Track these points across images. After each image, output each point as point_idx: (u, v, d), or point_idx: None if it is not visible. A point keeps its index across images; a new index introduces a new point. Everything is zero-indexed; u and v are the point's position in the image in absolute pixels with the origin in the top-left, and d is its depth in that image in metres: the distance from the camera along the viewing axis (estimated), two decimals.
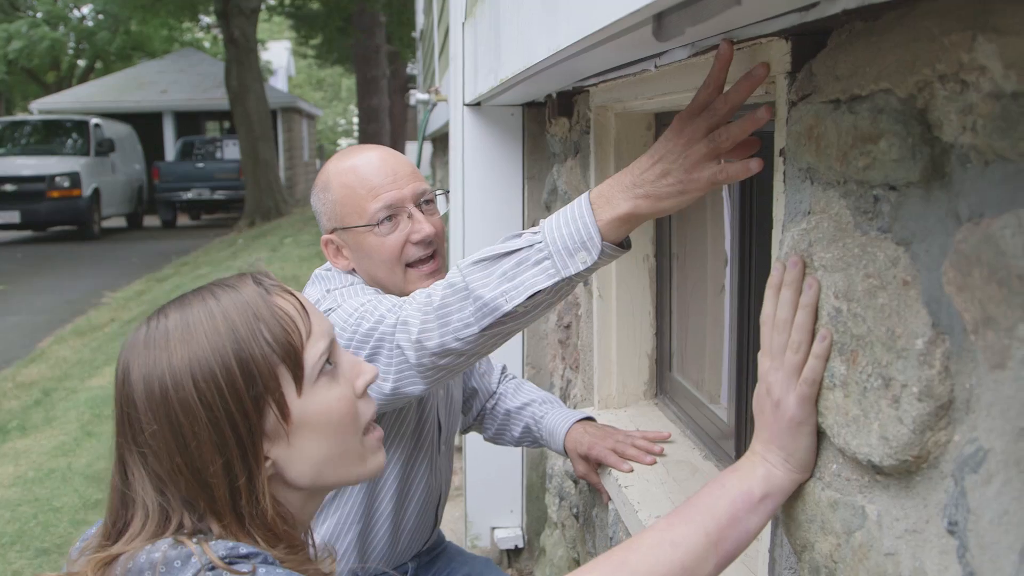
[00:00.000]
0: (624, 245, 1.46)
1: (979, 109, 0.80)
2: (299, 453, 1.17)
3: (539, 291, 1.46)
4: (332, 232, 1.99)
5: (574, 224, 1.43)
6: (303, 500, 1.23)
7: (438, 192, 2.03)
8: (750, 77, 1.28)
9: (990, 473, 0.80)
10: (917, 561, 0.93)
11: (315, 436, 1.18)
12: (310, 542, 1.31)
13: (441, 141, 9.00)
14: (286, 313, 1.18)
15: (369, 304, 1.76)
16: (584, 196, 1.45)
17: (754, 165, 1.32)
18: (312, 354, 1.18)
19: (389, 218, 1.91)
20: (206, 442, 1.11)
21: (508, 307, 1.49)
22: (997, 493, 0.78)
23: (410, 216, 1.92)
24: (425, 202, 1.96)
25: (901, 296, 0.94)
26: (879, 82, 0.98)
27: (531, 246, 1.47)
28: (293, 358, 1.16)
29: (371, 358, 1.70)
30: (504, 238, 1.54)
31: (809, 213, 1.16)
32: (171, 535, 1.11)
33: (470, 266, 1.54)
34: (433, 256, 1.96)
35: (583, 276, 1.47)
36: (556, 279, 1.45)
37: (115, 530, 1.15)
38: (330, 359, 1.21)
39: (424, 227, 1.92)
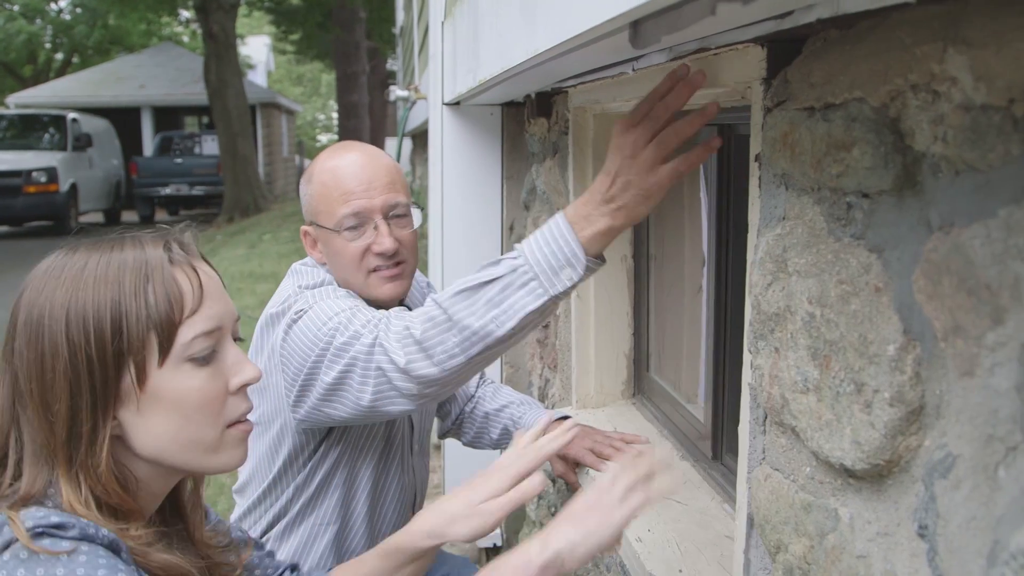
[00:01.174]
0: (600, 259, 1.53)
1: (950, 120, 0.81)
2: (145, 424, 1.17)
3: (529, 312, 1.50)
4: (310, 224, 2.01)
5: (555, 243, 1.49)
6: (151, 473, 1.22)
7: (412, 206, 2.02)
8: (688, 82, 1.35)
9: (959, 478, 0.81)
10: (888, 564, 0.94)
11: (165, 414, 1.18)
12: (190, 521, 1.33)
13: (421, 138, 8.98)
14: (178, 285, 1.18)
15: (344, 315, 1.77)
16: (559, 217, 1.51)
17: (714, 143, 1.41)
18: (187, 333, 1.18)
19: (355, 226, 1.92)
20: (60, 378, 1.13)
21: (501, 332, 1.53)
22: (965, 498, 0.80)
23: (376, 227, 1.92)
24: (396, 215, 1.95)
25: (873, 303, 0.95)
26: (852, 91, 0.99)
27: (514, 271, 1.52)
28: (166, 329, 1.16)
29: (345, 373, 1.72)
30: (480, 267, 1.57)
31: (784, 219, 1.17)
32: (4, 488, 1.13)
33: (451, 298, 1.57)
34: (398, 264, 1.95)
35: (567, 294, 1.52)
36: (544, 298, 1.50)
37: None
38: (212, 345, 1.21)
39: (385, 241, 1.91)
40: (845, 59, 1.01)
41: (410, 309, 1.83)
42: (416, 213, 2.00)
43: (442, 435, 2.48)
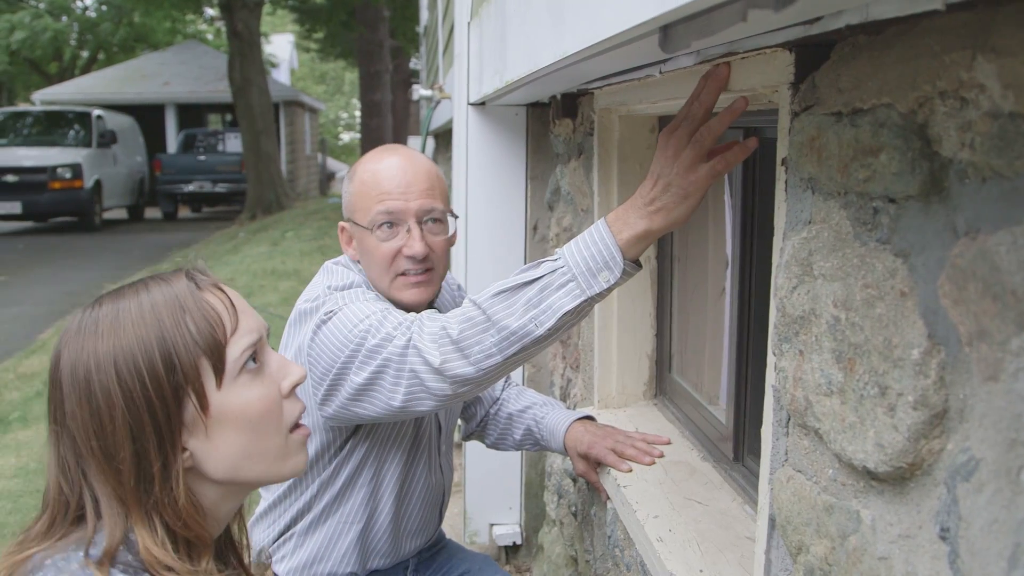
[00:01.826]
0: (636, 264, 1.55)
1: (977, 127, 0.82)
2: (216, 446, 1.20)
3: (565, 312, 1.52)
4: (347, 221, 2.04)
5: (595, 246, 1.52)
6: (220, 495, 1.25)
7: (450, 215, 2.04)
8: (715, 77, 1.40)
9: (981, 482, 0.82)
10: (909, 566, 0.95)
11: (233, 431, 1.20)
12: (238, 544, 1.36)
13: (444, 137, 8.99)
14: (213, 308, 1.21)
15: (374, 317, 1.78)
16: (601, 221, 1.54)
17: (751, 143, 1.45)
18: (235, 350, 1.20)
19: (389, 225, 1.94)
20: (120, 427, 1.14)
21: (539, 332, 1.56)
22: (988, 502, 0.80)
23: (409, 230, 1.94)
24: (430, 220, 1.97)
25: (898, 307, 0.96)
26: (880, 96, 0.99)
27: (553, 272, 1.55)
28: (215, 351, 1.19)
29: (376, 375, 1.74)
30: (520, 270, 1.60)
31: (810, 222, 1.18)
32: (84, 541, 1.13)
33: (490, 299, 1.60)
34: (426, 270, 1.97)
35: (603, 296, 1.54)
36: (581, 299, 1.53)
37: (41, 520, 1.19)
38: (256, 357, 1.24)
39: (415, 245, 1.93)
40: (874, 65, 1.02)
41: (440, 312, 1.85)
42: (452, 221, 2.02)
43: (465, 437, 2.50)
